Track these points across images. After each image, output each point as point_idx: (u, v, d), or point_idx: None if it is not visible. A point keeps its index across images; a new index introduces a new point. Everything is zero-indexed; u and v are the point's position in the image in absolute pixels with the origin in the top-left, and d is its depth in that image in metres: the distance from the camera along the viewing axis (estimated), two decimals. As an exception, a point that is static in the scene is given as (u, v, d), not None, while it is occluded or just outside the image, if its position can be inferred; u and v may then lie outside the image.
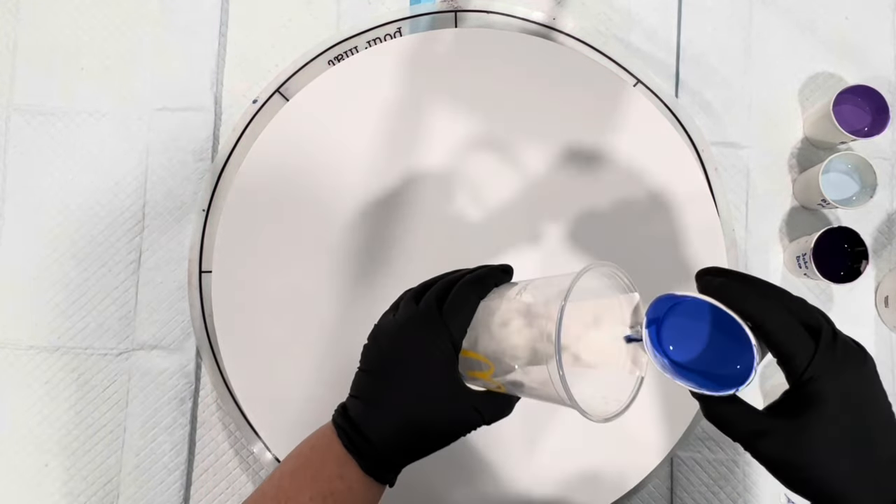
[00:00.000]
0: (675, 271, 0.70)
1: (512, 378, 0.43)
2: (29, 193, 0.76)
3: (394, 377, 0.44)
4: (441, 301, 0.44)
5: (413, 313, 0.44)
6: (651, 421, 0.68)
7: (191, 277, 0.74)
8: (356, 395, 0.45)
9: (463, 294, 0.44)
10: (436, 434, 0.44)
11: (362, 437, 0.43)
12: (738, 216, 0.76)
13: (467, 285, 0.44)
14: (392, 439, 0.43)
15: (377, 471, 0.43)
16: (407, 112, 0.73)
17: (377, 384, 0.44)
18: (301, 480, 0.43)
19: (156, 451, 0.72)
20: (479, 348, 0.44)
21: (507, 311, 0.44)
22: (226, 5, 0.78)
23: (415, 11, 0.78)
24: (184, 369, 0.73)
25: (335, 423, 0.45)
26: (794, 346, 0.39)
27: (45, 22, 0.78)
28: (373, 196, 0.71)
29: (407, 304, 0.46)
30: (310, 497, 0.42)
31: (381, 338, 0.46)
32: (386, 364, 0.44)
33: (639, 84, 0.77)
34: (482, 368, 0.44)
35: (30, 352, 0.73)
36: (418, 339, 0.43)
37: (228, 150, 0.76)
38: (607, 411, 0.41)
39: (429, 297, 0.44)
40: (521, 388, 0.44)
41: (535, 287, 0.44)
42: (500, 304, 0.44)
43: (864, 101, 0.73)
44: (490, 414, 0.44)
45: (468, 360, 0.44)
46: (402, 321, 0.45)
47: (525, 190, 0.72)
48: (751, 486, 0.72)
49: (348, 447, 0.43)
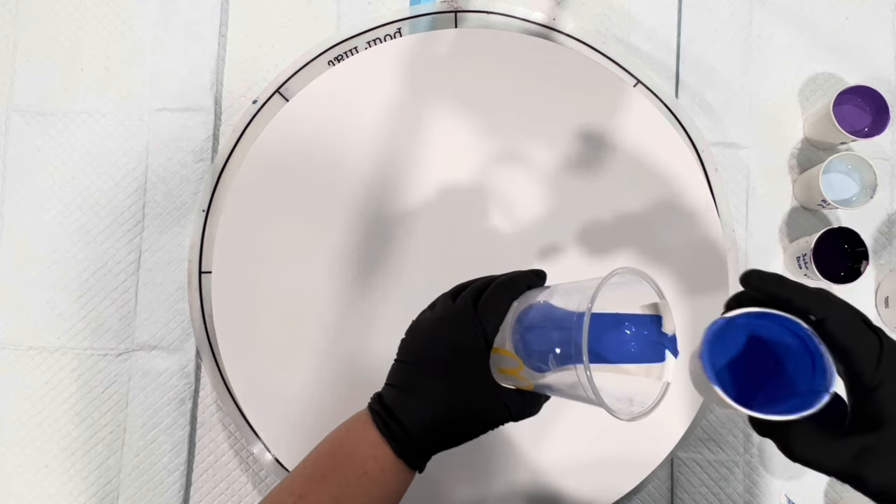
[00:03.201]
0: (675, 272, 0.70)
1: (540, 377, 0.45)
2: (29, 193, 0.76)
3: (428, 368, 0.46)
4: (476, 300, 0.47)
5: (449, 310, 0.47)
6: (651, 422, 0.68)
7: (190, 278, 0.74)
8: (392, 384, 0.47)
9: (497, 294, 0.47)
10: (464, 424, 0.46)
11: (396, 422, 0.45)
12: (738, 216, 0.76)
13: (501, 286, 0.47)
14: (424, 426, 0.45)
15: (409, 455, 0.45)
16: (407, 113, 0.73)
17: (412, 374, 0.47)
18: (336, 460, 0.46)
19: (155, 452, 0.72)
20: (510, 346, 0.46)
21: (536, 313, 0.45)
22: (226, 5, 0.78)
23: (415, 12, 0.78)
24: (183, 370, 0.73)
25: (371, 409, 0.47)
26: (859, 345, 0.37)
27: (45, 22, 0.78)
28: (373, 196, 0.71)
29: (444, 301, 0.49)
30: (344, 476, 0.44)
31: (418, 332, 0.48)
32: (421, 356, 0.47)
33: (639, 84, 0.77)
34: (512, 366, 0.45)
35: (30, 352, 0.73)
36: (453, 334, 0.46)
37: (228, 150, 0.75)
38: (632, 412, 0.42)
39: (465, 295, 0.47)
40: (548, 388, 0.45)
41: (565, 291, 0.45)
42: (532, 305, 0.46)
43: (864, 101, 0.73)
44: (518, 411, 0.46)
45: (499, 357, 0.46)
46: (438, 317, 0.48)
47: (525, 190, 0.72)
48: (751, 486, 0.72)
49: (382, 431, 0.45)
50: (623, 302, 0.45)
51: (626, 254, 0.70)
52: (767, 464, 0.72)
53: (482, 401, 0.45)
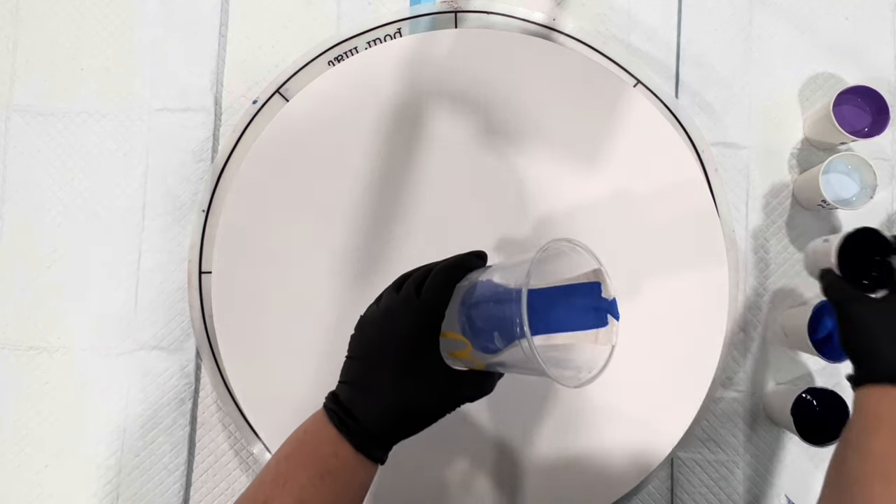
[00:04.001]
0: (675, 272, 0.70)
1: (490, 356, 0.46)
2: (29, 193, 0.76)
3: (378, 361, 0.47)
4: (420, 287, 0.47)
5: (393, 301, 0.48)
6: (651, 422, 0.68)
7: (190, 278, 0.74)
8: (345, 381, 0.48)
9: (439, 279, 0.47)
10: (419, 412, 0.47)
11: (352, 418, 0.46)
12: (738, 216, 0.76)
13: (443, 271, 0.48)
14: (379, 418, 0.46)
15: (368, 448, 0.46)
16: (407, 113, 0.73)
17: (363, 369, 0.47)
18: (297, 461, 0.46)
19: (155, 452, 0.72)
20: (458, 329, 0.46)
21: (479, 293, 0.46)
22: (226, 5, 0.78)
23: (415, 12, 0.78)
24: (183, 370, 0.73)
25: (326, 408, 0.48)
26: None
27: (45, 22, 0.78)
28: (373, 196, 0.71)
29: (388, 293, 0.49)
30: (307, 476, 0.45)
31: (365, 326, 0.49)
32: (370, 350, 0.47)
33: (639, 84, 0.77)
34: (461, 348, 0.46)
35: (30, 352, 0.73)
36: (399, 324, 0.47)
37: (228, 150, 0.75)
38: (580, 378, 0.44)
39: (408, 284, 0.48)
40: (499, 365, 0.46)
41: (504, 269, 0.46)
42: (474, 286, 0.47)
43: (864, 101, 0.73)
44: (472, 392, 0.47)
45: (448, 341, 0.47)
46: (383, 308, 0.48)
47: (525, 190, 0.72)
48: (751, 487, 0.72)
49: (339, 427, 0.46)
50: (563, 273, 0.46)
51: (626, 253, 0.70)
52: (767, 464, 0.72)
53: (434, 387, 0.46)
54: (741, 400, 0.73)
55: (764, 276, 0.75)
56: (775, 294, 0.74)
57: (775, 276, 0.75)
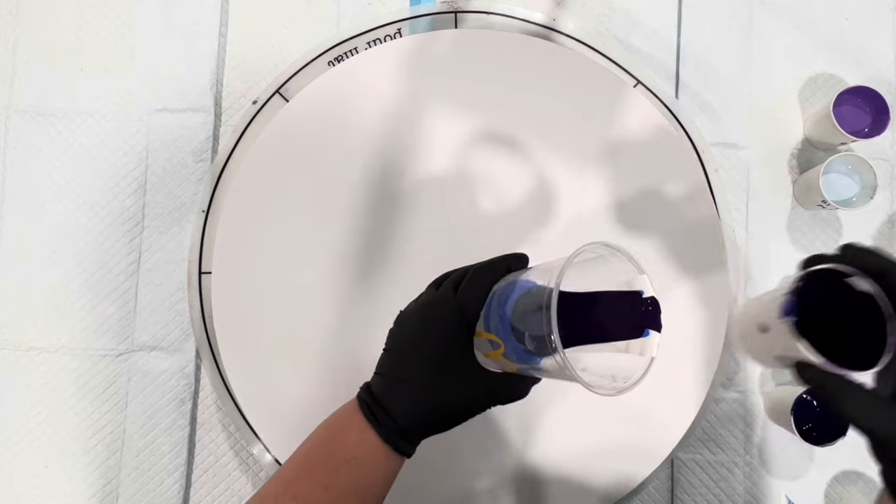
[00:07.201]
0: (676, 272, 0.70)
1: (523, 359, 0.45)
2: (29, 194, 0.76)
3: (413, 356, 0.47)
4: (458, 286, 0.47)
5: (431, 298, 0.48)
6: (652, 422, 0.68)
7: (190, 278, 0.74)
8: (379, 373, 0.48)
9: (476, 278, 0.47)
10: (450, 410, 0.47)
11: (382, 409, 0.46)
12: (738, 217, 0.76)
13: (481, 270, 0.48)
14: (409, 412, 0.46)
15: (395, 440, 0.46)
16: (407, 113, 0.73)
17: (398, 362, 0.48)
18: (325, 448, 0.47)
19: (155, 453, 0.72)
20: (492, 330, 0.46)
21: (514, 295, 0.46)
22: (226, 5, 0.78)
23: (415, 12, 0.78)
24: (183, 370, 0.73)
25: (359, 398, 0.48)
26: None
27: (45, 22, 0.78)
28: (373, 197, 0.71)
29: (427, 290, 0.50)
30: (334, 462, 0.45)
31: (404, 321, 0.49)
32: (406, 344, 0.48)
33: (639, 85, 0.77)
34: (495, 349, 0.45)
35: (30, 352, 0.73)
36: (435, 321, 0.47)
37: (228, 150, 0.75)
38: (616, 387, 0.43)
39: (447, 283, 0.48)
40: (533, 369, 0.45)
41: (540, 271, 0.45)
42: (510, 288, 0.46)
43: (865, 101, 0.73)
44: (505, 394, 0.47)
45: (482, 341, 0.46)
46: (421, 305, 0.49)
47: (525, 191, 0.72)
48: (751, 487, 0.72)
49: (368, 417, 0.46)
50: (603, 278, 0.45)
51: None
52: (768, 465, 0.72)
53: (466, 386, 0.46)
54: (741, 400, 0.73)
55: (764, 277, 0.75)
56: (775, 294, 0.74)
57: (775, 277, 0.75)
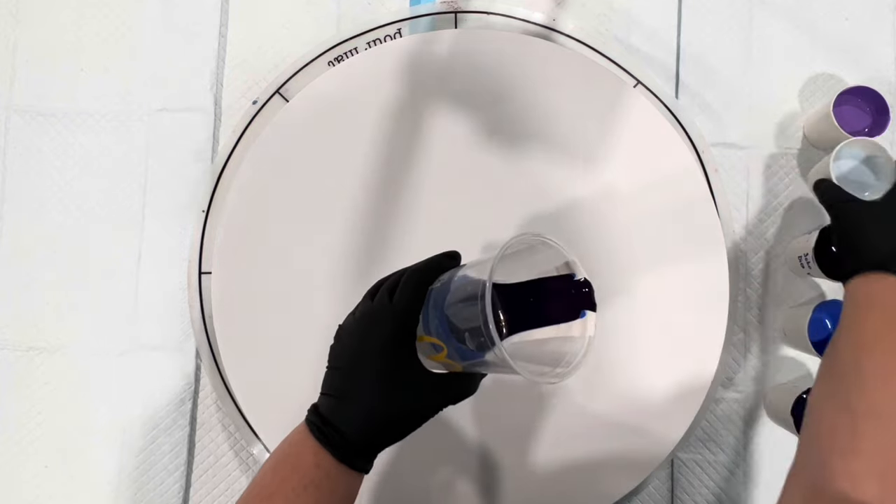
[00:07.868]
0: (675, 272, 0.70)
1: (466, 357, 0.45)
2: (29, 194, 0.76)
3: (355, 370, 0.47)
4: (393, 293, 0.47)
5: (368, 308, 0.48)
6: (651, 422, 0.68)
7: (190, 278, 0.74)
8: (325, 392, 0.48)
9: (410, 283, 0.47)
10: (401, 419, 0.46)
11: (332, 429, 0.46)
12: (738, 216, 0.76)
13: (414, 274, 0.47)
14: (360, 428, 0.46)
15: (350, 459, 0.46)
16: (407, 113, 0.73)
17: (341, 379, 0.47)
18: (282, 474, 0.46)
19: (155, 453, 0.72)
20: (433, 332, 0.46)
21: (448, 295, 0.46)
22: (226, 5, 0.78)
23: (415, 12, 0.78)
24: (183, 370, 0.73)
25: (307, 421, 0.47)
26: None
27: (45, 22, 0.78)
28: (373, 197, 0.71)
29: (363, 300, 0.49)
30: (292, 488, 0.45)
31: (343, 336, 0.49)
32: (347, 360, 0.47)
33: (639, 85, 0.77)
34: (438, 351, 0.46)
35: (30, 352, 0.73)
36: (374, 332, 0.46)
37: (228, 150, 0.75)
38: (557, 374, 0.43)
39: (381, 291, 0.48)
40: (477, 366, 0.46)
41: (472, 268, 0.46)
42: (444, 288, 0.47)
43: (865, 101, 0.73)
44: (454, 394, 0.47)
45: (424, 345, 0.46)
46: (358, 317, 0.48)
47: (525, 191, 0.71)
48: (751, 487, 0.72)
49: (320, 439, 0.45)
50: (536, 268, 0.46)
51: (626, 254, 0.70)
52: (768, 464, 0.72)
53: (414, 393, 0.46)
54: (741, 400, 0.73)
55: (764, 277, 0.75)
56: (775, 294, 0.74)
57: (775, 277, 0.75)
